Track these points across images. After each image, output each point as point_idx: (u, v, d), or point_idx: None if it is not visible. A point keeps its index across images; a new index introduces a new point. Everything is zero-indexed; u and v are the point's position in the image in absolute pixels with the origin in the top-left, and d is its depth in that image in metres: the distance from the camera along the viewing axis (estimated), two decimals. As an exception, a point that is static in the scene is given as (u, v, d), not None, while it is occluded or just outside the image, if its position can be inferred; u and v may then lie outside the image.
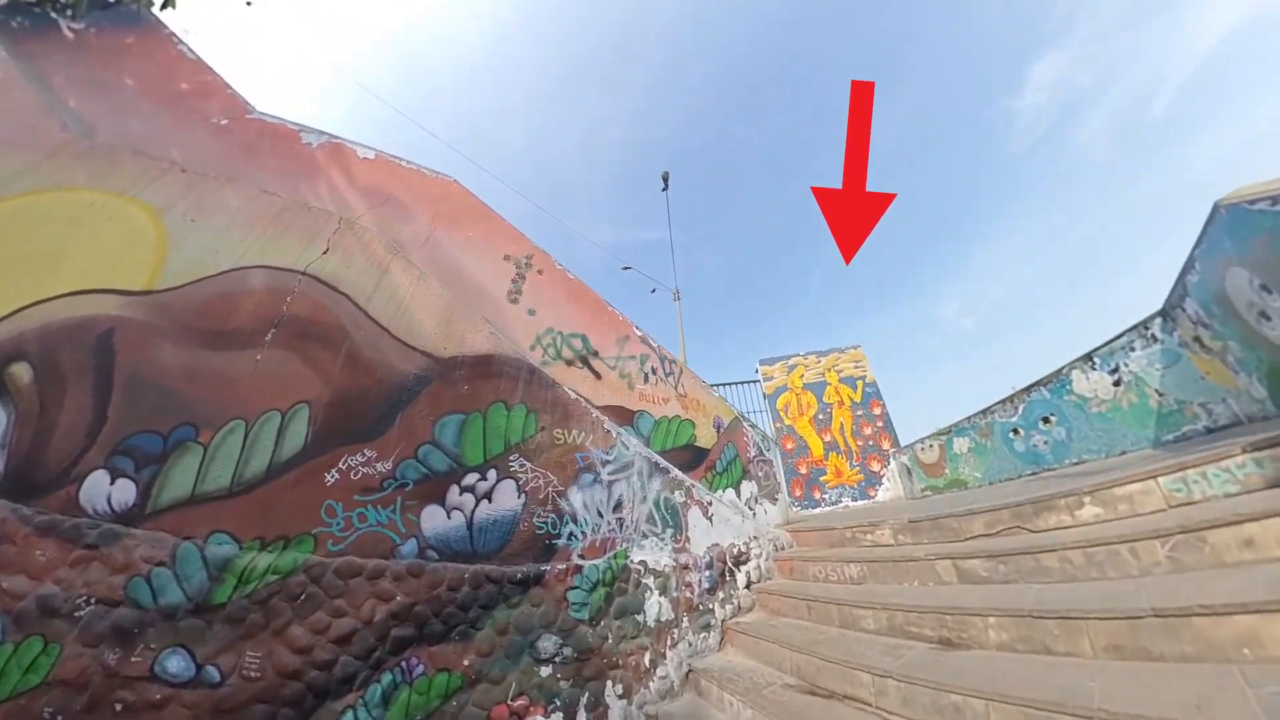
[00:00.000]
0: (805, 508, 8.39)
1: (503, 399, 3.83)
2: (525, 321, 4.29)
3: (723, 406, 4.89)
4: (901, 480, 8.48)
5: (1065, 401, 5.49)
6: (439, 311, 3.93)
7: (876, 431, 8.98)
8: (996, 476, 6.53)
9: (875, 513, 5.45)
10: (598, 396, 4.26)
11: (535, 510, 3.60)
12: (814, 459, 8.74)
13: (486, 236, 4.50)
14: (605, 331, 4.56)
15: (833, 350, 9.80)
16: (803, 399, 9.30)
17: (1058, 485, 3.89)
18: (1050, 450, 5.76)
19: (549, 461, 3.75)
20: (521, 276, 4.43)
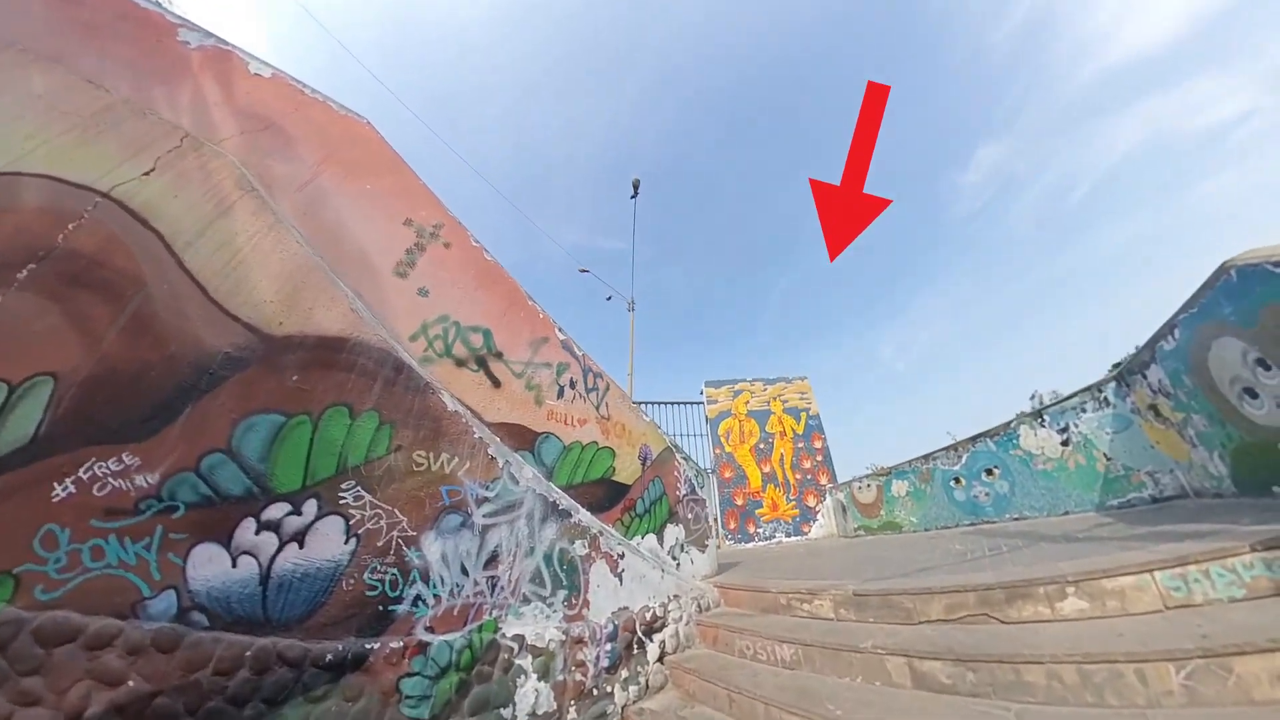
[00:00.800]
0: (738, 541, 7.51)
1: (347, 401, 2.61)
2: (412, 303, 3.10)
3: (653, 434, 3.88)
4: (836, 517, 7.83)
5: (1011, 455, 4.97)
6: (285, 273, 2.70)
7: (816, 466, 8.34)
8: (934, 523, 5.94)
9: (812, 562, 4.59)
10: (491, 410, 3.12)
11: (369, 562, 2.42)
12: (751, 490, 7.93)
13: (389, 193, 3.31)
14: (518, 329, 3.45)
15: (779, 379, 9.17)
16: (745, 426, 8.53)
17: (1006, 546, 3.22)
18: (991, 503, 5.21)
19: (400, 494, 2.56)
20: (421, 247, 3.25)
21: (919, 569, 3.12)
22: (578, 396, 3.51)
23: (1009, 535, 4.09)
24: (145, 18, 2.93)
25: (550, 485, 3.08)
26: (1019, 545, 3.48)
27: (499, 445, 2.93)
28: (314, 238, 3.02)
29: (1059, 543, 3.25)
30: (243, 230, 2.76)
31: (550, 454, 3.24)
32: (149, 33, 2.95)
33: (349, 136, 3.38)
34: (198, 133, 3.01)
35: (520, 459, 3.06)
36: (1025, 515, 4.81)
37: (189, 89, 3.03)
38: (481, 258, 3.46)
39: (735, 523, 7.66)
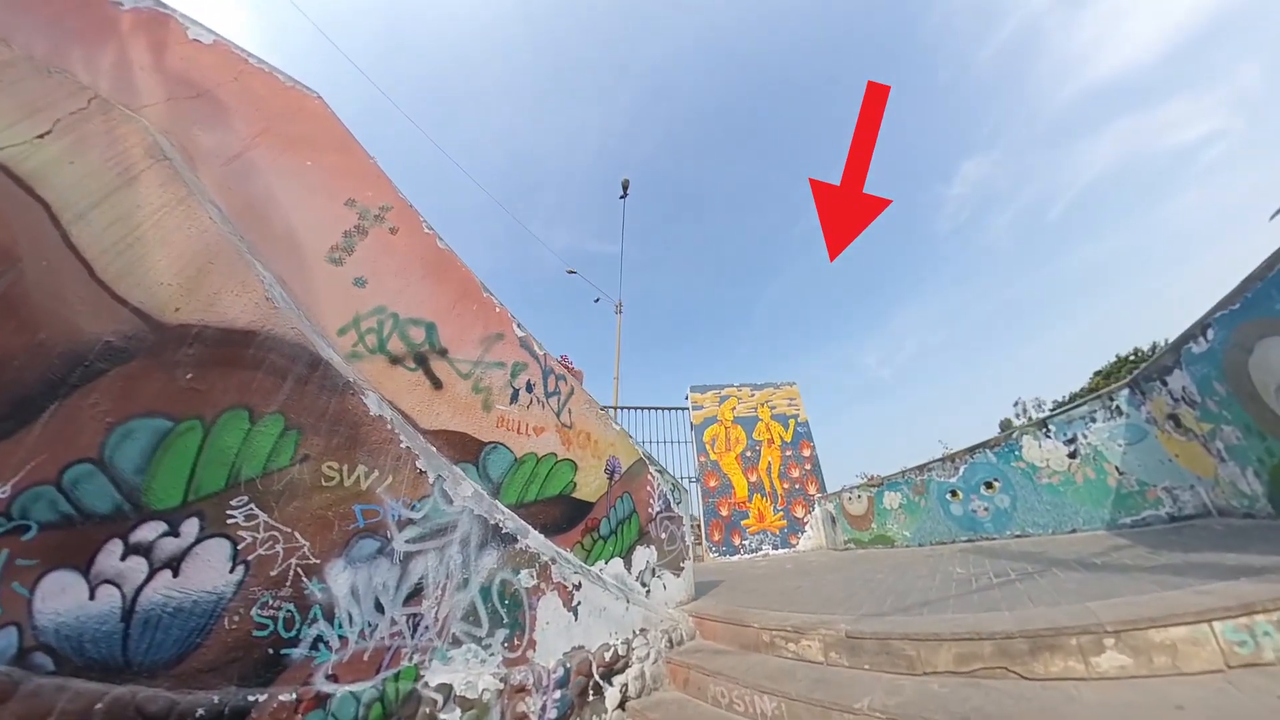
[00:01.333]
0: (723, 554, 6.94)
1: (249, 404, 2.16)
2: (346, 293, 2.62)
3: (624, 444, 3.36)
4: (825, 529, 7.28)
5: (1012, 468, 4.46)
6: (190, 253, 2.25)
7: (804, 474, 7.81)
8: (929, 538, 5.41)
9: (800, 584, 4.06)
10: (429, 415, 2.62)
11: (259, 595, 1.94)
12: (737, 500, 7.38)
13: (332, 171, 2.85)
14: (468, 324, 2.96)
15: (768, 385, 8.66)
16: (732, 433, 8.01)
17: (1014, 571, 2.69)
18: (991, 518, 4.69)
19: (303, 514, 2.09)
20: (362, 231, 2.77)
21: (919, 601, 2.60)
22: (535, 401, 3.00)
23: (1014, 556, 3.57)
24: None
25: (495, 505, 2.56)
26: (1028, 570, 2.96)
27: (433, 457, 2.42)
28: (238, 216, 2.55)
29: (1075, 569, 2.74)
30: (146, 203, 2.31)
31: (498, 467, 2.72)
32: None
33: (294, 110, 2.93)
34: (116, 97, 2.57)
35: (460, 473, 2.55)
36: (1028, 532, 4.29)
37: (113, 51, 2.59)
38: (433, 245, 2.99)
39: (720, 534, 7.09)
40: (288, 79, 3.02)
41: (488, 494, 2.61)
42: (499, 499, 2.65)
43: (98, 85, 2.54)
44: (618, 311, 12.51)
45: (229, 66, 2.86)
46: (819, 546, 7.22)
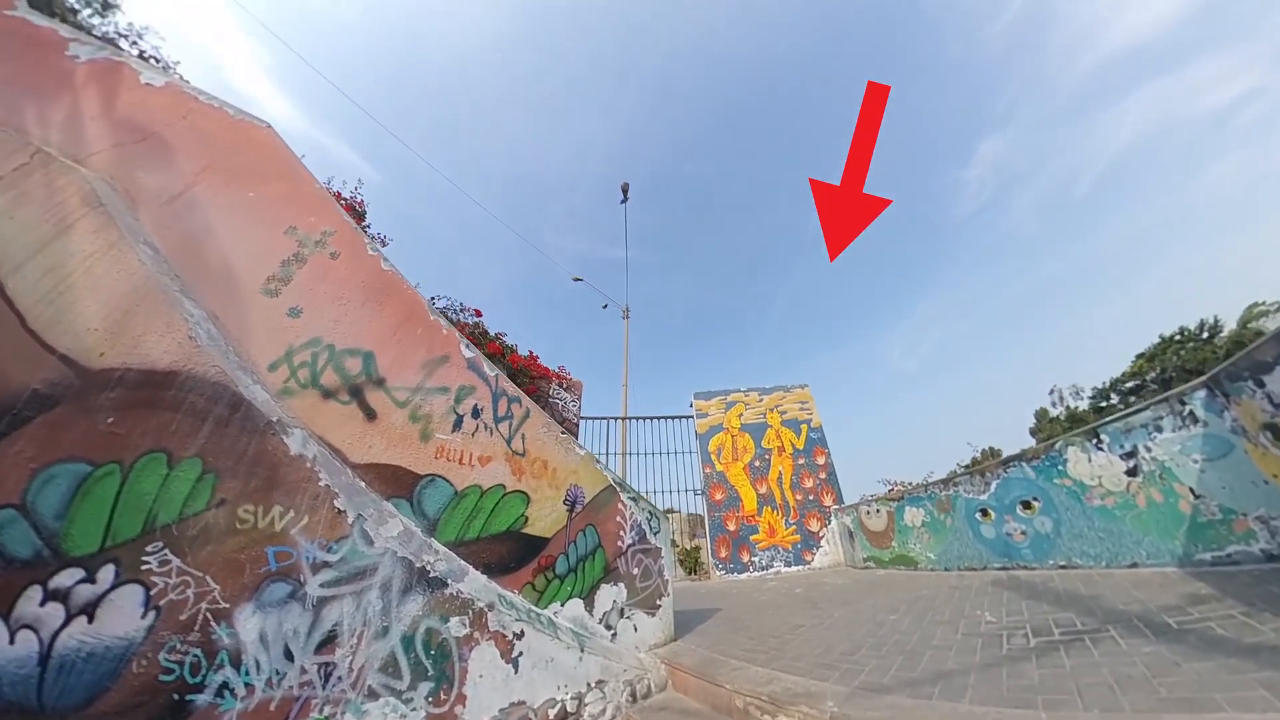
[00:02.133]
0: (730, 571, 6.40)
1: (167, 447, 2.07)
2: (279, 325, 2.47)
3: (588, 471, 3.01)
4: (842, 543, 6.56)
5: (1055, 485, 3.71)
6: (117, 298, 2.18)
7: (819, 484, 7.10)
8: (956, 562, 4.67)
9: (802, 619, 3.54)
10: (360, 449, 2.41)
11: (168, 640, 1.85)
12: (745, 513, 6.80)
13: (276, 201, 2.75)
14: (410, 349, 2.74)
15: (777, 388, 8.00)
16: (739, 442, 7.43)
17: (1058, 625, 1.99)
18: (1029, 544, 3.94)
19: (216, 558, 1.98)
20: (300, 259, 2.64)
21: (932, 671, 2.07)
22: (482, 428, 2.74)
23: (1058, 599, 2.89)
24: (32, 34, 2.56)
25: (428, 544, 2.30)
26: (1077, 627, 2.33)
27: (357, 494, 2.19)
28: (176, 253, 2.46)
29: (1141, 633, 2.08)
30: (79, 251, 2.26)
31: (435, 502, 2.47)
32: (32, 49, 2.57)
33: (240, 143, 2.85)
34: (67, 149, 2.57)
35: (391, 510, 2.30)
36: (1075, 563, 3.53)
37: (66, 104, 2.60)
38: (376, 269, 2.80)
39: (727, 551, 6.55)
40: (237, 112, 2.95)
41: (422, 532, 2.35)
42: (436, 536, 2.39)
43: (48, 138, 2.53)
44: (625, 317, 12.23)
45: (178, 107, 2.81)
46: (836, 564, 6.52)
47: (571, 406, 7.17)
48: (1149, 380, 29.85)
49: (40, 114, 2.45)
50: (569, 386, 7.26)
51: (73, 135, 2.53)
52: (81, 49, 2.70)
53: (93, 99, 2.61)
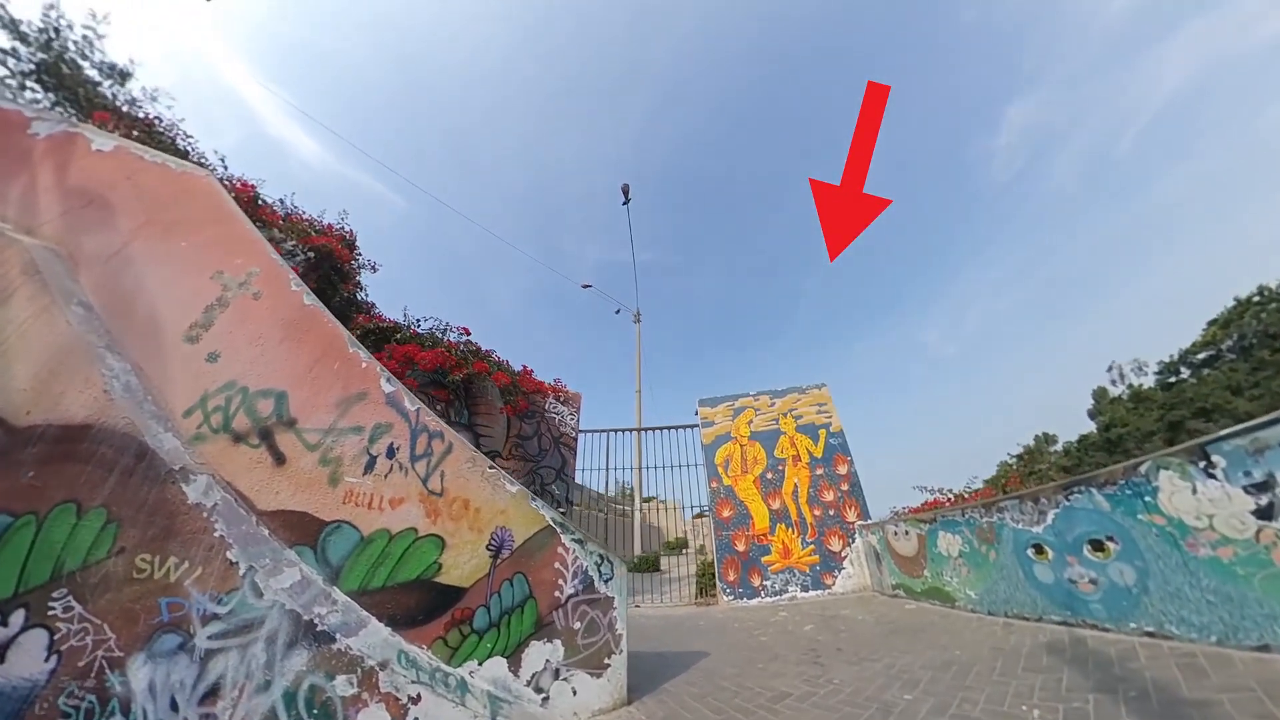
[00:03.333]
0: (739, 597, 5.71)
1: (78, 497, 2.13)
2: (197, 371, 2.40)
3: (520, 510, 2.63)
4: (868, 565, 5.59)
5: (1140, 523, 2.71)
6: (45, 358, 2.22)
7: (840, 498, 6.14)
8: (1002, 606, 3.67)
9: (807, 674, 2.91)
10: (267, 494, 2.25)
11: (67, 685, 1.84)
12: (756, 532, 6.05)
13: (207, 247, 2.76)
14: (325, 386, 2.56)
15: (790, 390, 7.08)
16: (749, 452, 6.66)
17: None
18: (1101, 597, 2.93)
19: (114, 606, 1.96)
20: (223, 304, 2.57)
21: None
22: (396, 468, 2.48)
23: (1146, 700, 2.01)
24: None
25: (325, 595, 2.10)
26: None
27: (255, 544, 2.05)
28: (109, 309, 2.47)
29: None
30: (16, 318, 2.34)
31: (340, 549, 2.25)
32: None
33: (179, 194, 2.86)
34: (21, 221, 2.70)
35: (293, 559, 2.12)
36: (1169, 632, 2.52)
37: (24, 180, 2.72)
38: (297, 304, 2.68)
39: (735, 573, 5.84)
40: (179, 165, 2.96)
41: (325, 581, 2.11)
42: (339, 585, 2.14)
43: (5, 214, 2.61)
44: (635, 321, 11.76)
45: (123, 168, 2.86)
46: (862, 587, 5.56)
47: (569, 420, 6.88)
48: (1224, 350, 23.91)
49: (1, 192, 2.56)
50: (566, 399, 6.98)
51: (28, 207, 2.63)
52: (42, 125, 2.82)
53: (48, 171, 2.71)
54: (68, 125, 2.87)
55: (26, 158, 2.70)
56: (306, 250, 5.43)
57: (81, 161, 2.78)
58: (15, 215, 2.59)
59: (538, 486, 6.18)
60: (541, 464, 6.35)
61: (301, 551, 2.21)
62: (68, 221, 2.64)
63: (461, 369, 5.62)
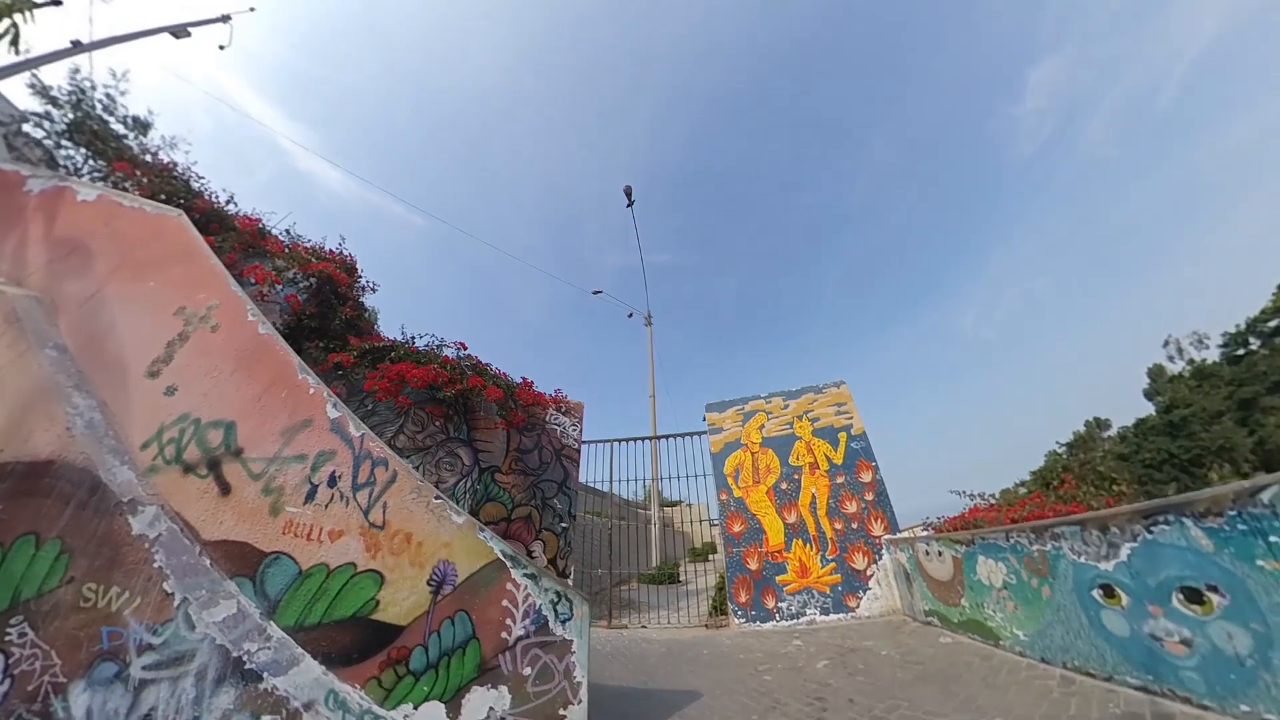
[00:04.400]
0: (753, 620, 5.25)
1: (38, 529, 2.26)
2: (156, 405, 2.48)
3: (466, 543, 2.44)
4: (898, 586, 4.92)
5: (1260, 572, 2.03)
6: (19, 399, 2.45)
7: (864, 509, 5.46)
8: (1059, 654, 3.00)
9: None
10: (212, 524, 2.26)
11: (16, 708, 1.93)
12: (770, 548, 5.54)
13: (173, 284, 2.91)
14: (272, 414, 2.54)
15: (806, 390, 6.44)
16: (761, 460, 6.13)
17: None
18: (1198, 663, 2.26)
19: (60, 634, 2.05)
20: (184, 337, 2.65)
21: None
22: (337, 498, 2.39)
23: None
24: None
25: (258, 630, 2.07)
26: None
27: (193, 576, 2.08)
28: (83, 349, 2.61)
29: None
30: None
31: (277, 582, 2.19)
32: None
33: (151, 236, 3.01)
34: (13, 273, 2.93)
35: (230, 590, 2.09)
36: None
37: (17, 234, 2.95)
38: (252, 334, 2.70)
39: (748, 594, 5.36)
40: (155, 209, 3.10)
41: (263, 614, 2.05)
42: (276, 619, 2.07)
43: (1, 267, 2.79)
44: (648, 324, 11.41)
45: (104, 215, 3.02)
46: (891, 610, 4.88)
47: (571, 431, 6.71)
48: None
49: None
50: (567, 410, 6.82)
51: (19, 259, 2.82)
52: (35, 182, 3.03)
53: (38, 224, 2.90)
54: (58, 180, 3.10)
55: (20, 213, 2.95)
56: (307, 277, 5.71)
57: (68, 212, 2.99)
58: (8, 268, 2.82)
59: (539, 501, 6.08)
60: (543, 477, 6.24)
61: (241, 583, 2.19)
62: (52, 269, 2.84)
63: (455, 384, 5.63)
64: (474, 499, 5.95)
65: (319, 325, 5.83)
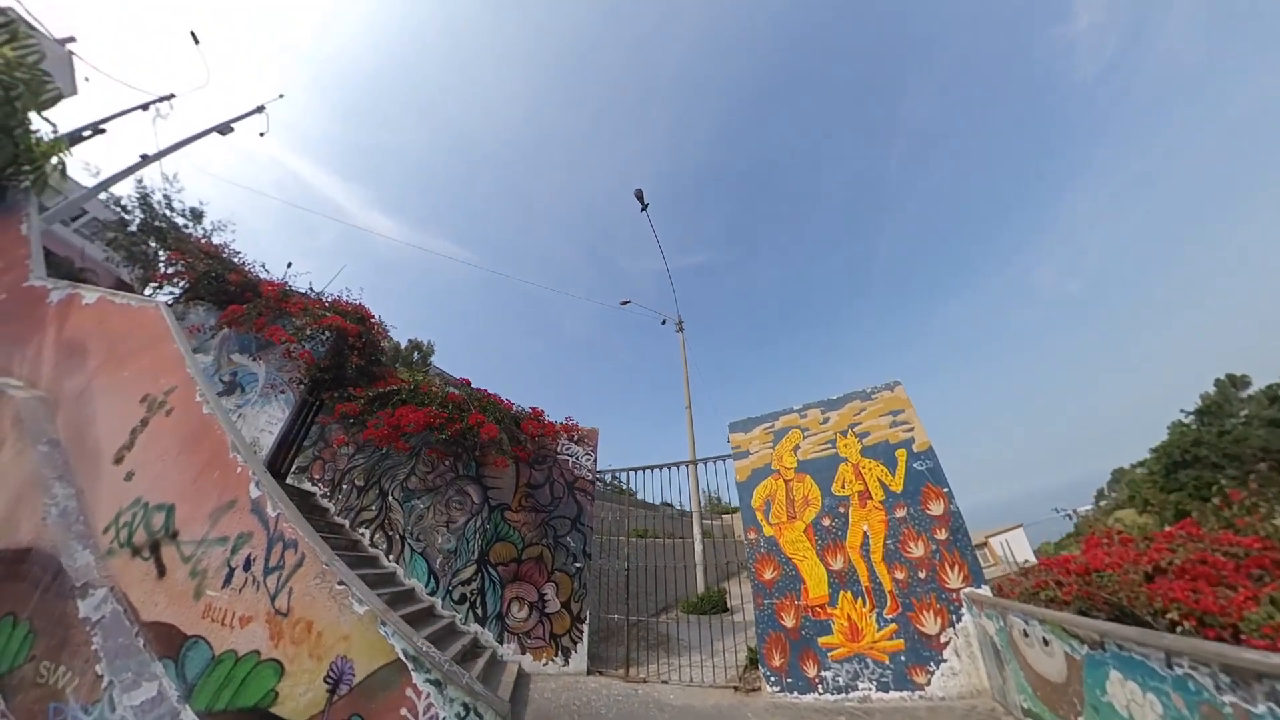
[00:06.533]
0: (789, 689, 4.47)
1: (15, 610, 2.68)
2: (117, 490, 2.84)
3: (365, 638, 2.29)
4: (985, 660, 3.76)
5: None
6: (14, 493, 3.00)
7: (935, 551, 4.31)
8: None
9: None
10: (149, 606, 2.49)
11: None
12: (810, 601, 4.69)
13: (141, 372, 3.40)
14: (206, 495, 2.72)
15: (851, 396, 5.36)
16: (796, 489, 5.25)
17: None
18: None
19: (22, 707, 2.36)
20: (145, 423, 3.04)
21: None
22: (250, 582, 2.45)
23: None
24: (29, 294, 3.70)
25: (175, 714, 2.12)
26: None
27: (124, 657, 2.32)
28: (72, 439, 3.05)
29: None
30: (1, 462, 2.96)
31: (194, 666, 2.31)
32: (26, 306, 3.73)
33: (132, 328, 3.54)
34: (32, 375, 3.56)
35: (156, 673, 2.24)
36: None
37: (37, 341, 3.62)
38: (198, 414, 2.96)
39: (783, 657, 4.54)
40: (139, 302, 3.59)
41: (178, 698, 2.16)
42: (191, 703, 2.16)
43: (21, 371, 3.40)
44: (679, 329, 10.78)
45: (99, 314, 3.57)
46: (976, 692, 3.70)
47: (584, 461, 6.50)
48: None
49: (21, 356, 3.44)
50: (580, 439, 6.63)
51: (35, 365, 3.46)
52: (56, 294, 3.68)
53: (51, 331, 3.53)
54: (70, 287, 3.80)
55: (40, 323, 3.68)
56: (322, 330, 6.41)
57: (75, 316, 3.64)
58: (28, 373, 3.50)
59: (551, 539, 5.98)
60: (555, 514, 6.15)
61: (167, 665, 2.36)
62: (56, 371, 3.48)
63: (455, 424, 5.80)
64: (484, 539, 6.08)
65: (334, 376, 6.52)
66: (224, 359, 6.79)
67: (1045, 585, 3.58)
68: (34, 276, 4.09)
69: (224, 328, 6.65)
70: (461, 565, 5.73)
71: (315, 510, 5.80)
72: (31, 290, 3.98)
